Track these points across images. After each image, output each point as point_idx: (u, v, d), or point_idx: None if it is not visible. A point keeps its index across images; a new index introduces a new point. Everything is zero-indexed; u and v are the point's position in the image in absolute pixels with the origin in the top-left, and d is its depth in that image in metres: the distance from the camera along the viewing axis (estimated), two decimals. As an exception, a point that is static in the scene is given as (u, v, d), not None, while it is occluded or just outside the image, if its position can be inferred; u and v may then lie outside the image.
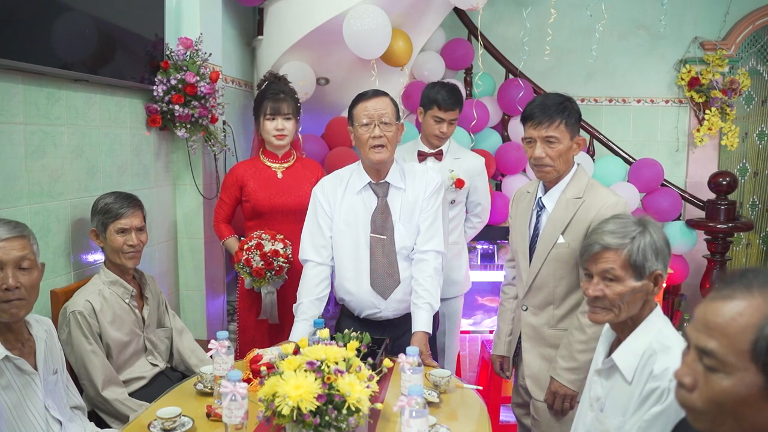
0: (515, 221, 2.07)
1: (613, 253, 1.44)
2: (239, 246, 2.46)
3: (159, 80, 2.56)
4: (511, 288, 2.15)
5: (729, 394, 0.85)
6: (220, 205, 2.65)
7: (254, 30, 3.58)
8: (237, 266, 2.45)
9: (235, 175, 2.62)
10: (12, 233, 1.51)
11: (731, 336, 0.84)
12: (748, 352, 0.83)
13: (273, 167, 2.62)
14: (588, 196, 1.89)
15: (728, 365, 0.85)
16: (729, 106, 4.45)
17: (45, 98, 2.04)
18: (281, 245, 2.43)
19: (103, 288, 2.01)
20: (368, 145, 2.03)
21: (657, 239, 1.45)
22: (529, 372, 1.98)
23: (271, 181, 2.60)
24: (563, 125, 1.86)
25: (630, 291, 1.43)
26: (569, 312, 1.92)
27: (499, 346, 2.16)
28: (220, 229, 2.65)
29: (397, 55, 3.21)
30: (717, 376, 0.86)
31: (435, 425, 1.52)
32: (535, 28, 3.85)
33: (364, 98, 2.07)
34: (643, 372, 1.40)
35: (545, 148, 1.87)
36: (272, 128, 2.56)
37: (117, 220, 2.02)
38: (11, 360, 1.51)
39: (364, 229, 2.10)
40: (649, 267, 1.43)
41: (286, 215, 2.57)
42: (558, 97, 1.91)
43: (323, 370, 1.33)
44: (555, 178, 1.92)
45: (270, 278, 2.42)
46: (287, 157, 2.65)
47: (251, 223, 2.62)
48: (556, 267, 1.90)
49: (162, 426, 1.53)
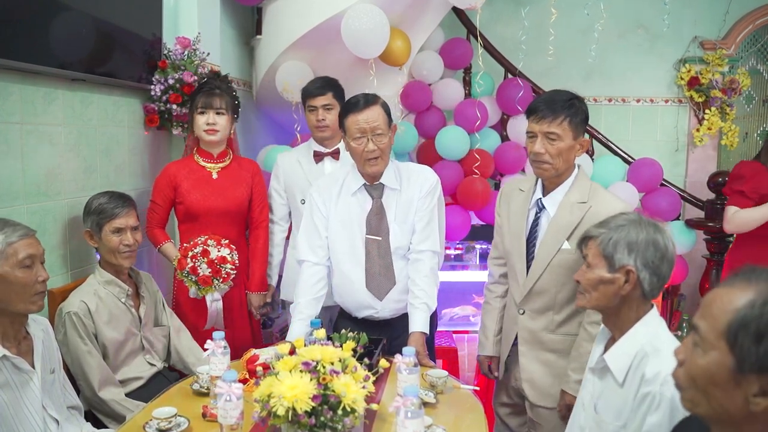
0: (507, 220, 2.01)
1: (592, 241, 1.50)
2: (182, 253, 2.29)
3: (157, 80, 2.55)
4: (498, 286, 2.12)
5: (702, 370, 0.90)
6: (153, 208, 2.45)
7: (253, 29, 3.57)
8: (180, 274, 2.28)
9: (168, 175, 2.43)
10: (30, 231, 1.60)
11: (714, 316, 0.90)
12: (724, 332, 0.88)
13: (208, 167, 2.46)
14: (593, 200, 1.84)
15: (706, 342, 0.90)
16: (729, 105, 4.44)
17: (42, 98, 2.04)
18: (227, 251, 2.30)
19: (98, 288, 2.00)
20: (363, 158, 2.02)
21: (637, 237, 1.42)
22: (527, 376, 1.95)
23: (206, 182, 2.44)
24: (567, 122, 1.82)
25: (598, 279, 1.46)
26: (569, 317, 1.88)
27: (487, 347, 2.11)
28: (154, 235, 2.45)
29: (395, 55, 3.20)
30: (697, 352, 0.92)
31: (431, 426, 1.52)
32: (534, 28, 3.84)
33: (355, 110, 2.01)
34: (635, 375, 1.39)
35: (545, 144, 1.82)
36: (203, 122, 2.39)
37: (112, 220, 2.01)
38: (9, 359, 1.52)
39: (360, 230, 2.10)
40: (619, 260, 1.43)
41: (221, 217, 2.44)
42: (567, 94, 1.87)
43: (319, 371, 1.32)
44: (553, 176, 1.87)
45: (216, 286, 2.30)
46: (223, 156, 2.49)
47: (184, 227, 2.46)
48: (560, 273, 1.85)
49: (158, 426, 1.53)
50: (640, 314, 1.46)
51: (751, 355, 0.84)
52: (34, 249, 1.58)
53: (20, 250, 1.54)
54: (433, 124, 3.60)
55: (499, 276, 2.12)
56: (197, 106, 2.41)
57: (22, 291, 1.53)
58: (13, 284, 1.52)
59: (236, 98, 2.52)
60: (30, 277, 1.55)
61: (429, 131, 3.61)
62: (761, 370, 0.84)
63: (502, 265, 2.10)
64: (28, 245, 1.56)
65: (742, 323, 0.86)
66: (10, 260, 1.52)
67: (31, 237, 1.59)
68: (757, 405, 0.85)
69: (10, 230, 1.55)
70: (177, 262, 2.31)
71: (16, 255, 1.53)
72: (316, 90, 2.56)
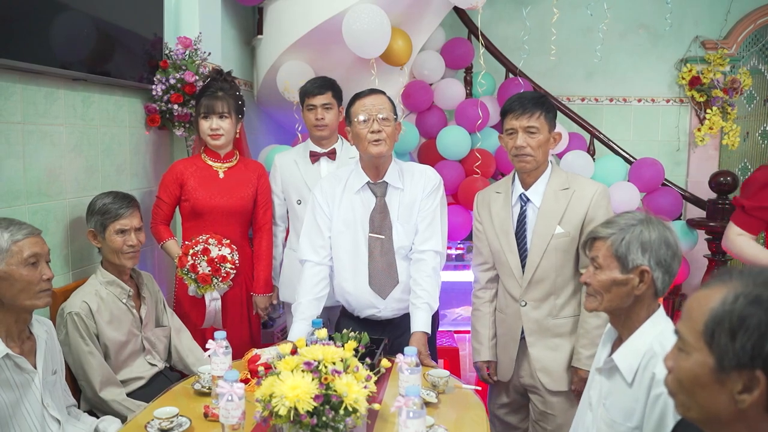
0: (491, 222, 2.07)
1: (601, 242, 1.48)
2: (183, 250, 2.32)
3: (158, 80, 2.55)
4: (486, 292, 2.16)
5: (687, 373, 0.90)
6: (159, 204, 2.45)
7: (254, 29, 3.57)
8: (181, 272, 2.31)
9: (175, 172, 2.44)
10: (35, 230, 1.61)
11: (693, 318, 0.90)
12: (702, 333, 0.88)
13: (214, 166, 2.47)
14: (574, 185, 1.98)
15: (688, 345, 0.91)
16: (730, 105, 4.43)
17: (43, 98, 2.04)
18: (228, 250, 2.32)
19: (100, 288, 2.00)
20: (367, 140, 2.02)
21: (650, 236, 1.42)
22: (539, 365, 2.01)
23: (212, 181, 2.45)
24: (543, 117, 1.95)
25: (611, 281, 1.44)
26: (569, 299, 1.99)
27: (483, 352, 2.15)
28: (158, 231, 2.46)
29: (396, 55, 3.20)
30: (681, 356, 0.92)
31: (433, 426, 1.52)
32: (535, 27, 3.84)
33: (361, 96, 2.07)
34: (644, 374, 1.39)
35: (527, 138, 1.94)
36: (207, 128, 2.41)
37: (116, 220, 2.01)
38: (11, 358, 1.52)
39: (363, 228, 2.09)
40: (633, 260, 1.42)
41: (225, 216, 2.44)
42: (536, 93, 2.02)
43: (320, 371, 1.32)
44: (533, 169, 1.98)
45: (216, 284, 2.32)
46: (230, 157, 2.51)
47: (189, 224, 2.47)
48: (557, 257, 1.96)
49: (159, 426, 1.53)
50: (649, 313, 1.45)
51: (728, 351, 0.85)
52: (39, 248, 1.59)
53: (25, 249, 1.55)
54: (434, 124, 3.60)
55: (486, 281, 2.16)
56: (200, 111, 2.42)
57: (27, 289, 1.55)
58: (18, 282, 1.54)
59: (240, 98, 2.51)
60: (34, 275, 1.56)
61: (430, 131, 3.61)
62: (741, 366, 0.84)
63: (487, 270, 2.14)
64: (33, 244, 1.58)
65: (717, 321, 0.86)
66: (15, 258, 1.53)
67: (37, 236, 1.61)
68: (743, 402, 0.84)
69: (15, 228, 1.56)
70: (178, 259, 2.32)
71: (21, 253, 1.54)
72: (315, 89, 2.56)
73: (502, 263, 2.05)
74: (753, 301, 0.84)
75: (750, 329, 0.83)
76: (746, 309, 0.84)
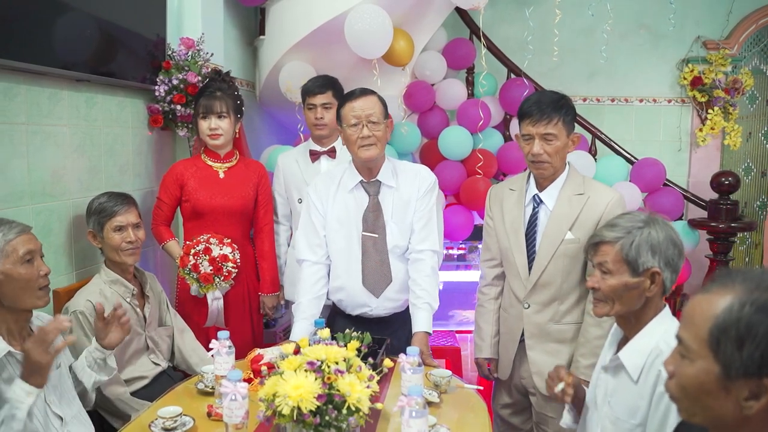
0: (502, 218, 2.04)
1: (609, 247, 1.46)
2: (185, 250, 2.34)
3: (161, 80, 2.56)
4: (491, 288, 2.14)
5: (692, 380, 0.89)
6: (159, 205, 2.46)
7: (256, 30, 3.58)
8: (183, 271, 2.33)
9: (175, 173, 2.45)
10: (26, 227, 1.61)
11: (696, 324, 0.89)
12: (706, 340, 0.87)
13: (215, 167, 2.48)
14: (589, 191, 1.93)
15: (692, 352, 0.89)
16: (732, 105, 4.43)
17: (47, 98, 2.05)
18: (229, 249, 2.34)
19: (104, 287, 2.01)
20: (357, 144, 2.02)
21: (658, 237, 1.43)
22: (536, 369, 1.99)
23: (213, 181, 2.45)
24: (561, 123, 1.89)
25: (623, 286, 1.43)
26: (573, 306, 1.95)
27: (485, 349, 2.14)
28: (159, 232, 2.46)
29: (398, 55, 3.20)
30: (684, 362, 0.91)
31: (435, 425, 1.52)
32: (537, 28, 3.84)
33: (351, 98, 2.05)
34: (650, 372, 1.39)
35: (543, 145, 1.89)
36: (206, 128, 2.41)
37: (112, 218, 2.03)
38: (14, 355, 1.53)
39: (356, 227, 2.10)
40: (644, 263, 1.42)
41: (227, 217, 2.45)
42: (554, 95, 1.94)
43: (323, 370, 1.33)
44: (550, 174, 1.94)
45: (218, 284, 2.33)
46: (230, 156, 2.51)
47: (190, 225, 2.47)
48: (565, 262, 1.92)
49: (163, 425, 1.53)
50: (656, 313, 1.46)
51: (735, 360, 0.83)
52: (32, 244, 1.60)
53: (19, 247, 1.56)
54: (436, 125, 3.60)
55: (492, 278, 2.14)
56: (199, 111, 2.43)
57: (27, 286, 1.56)
58: (17, 281, 1.54)
59: (239, 98, 2.51)
60: (32, 272, 1.57)
61: (432, 131, 3.61)
62: (748, 375, 0.82)
63: (494, 267, 2.13)
64: (26, 241, 1.58)
65: (723, 329, 0.85)
66: (11, 257, 1.54)
67: (28, 233, 1.61)
68: (750, 408, 0.83)
69: (6, 228, 1.57)
70: (179, 259, 2.33)
71: (17, 251, 1.55)
72: (315, 88, 2.57)
73: (510, 262, 2.03)
74: (760, 309, 0.83)
75: (758, 338, 0.82)
76: (753, 317, 0.83)
